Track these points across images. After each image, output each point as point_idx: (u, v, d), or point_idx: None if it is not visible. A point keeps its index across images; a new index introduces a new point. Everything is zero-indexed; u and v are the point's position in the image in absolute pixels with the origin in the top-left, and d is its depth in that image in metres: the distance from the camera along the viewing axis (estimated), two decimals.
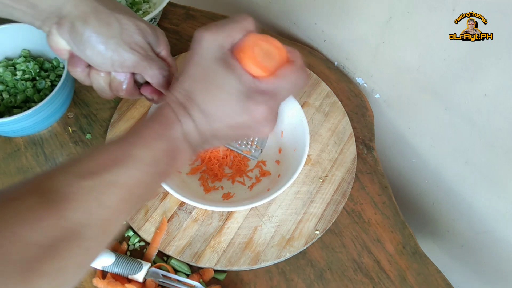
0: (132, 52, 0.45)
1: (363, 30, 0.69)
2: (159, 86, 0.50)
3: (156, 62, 0.48)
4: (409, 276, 0.58)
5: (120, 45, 0.45)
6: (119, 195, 0.34)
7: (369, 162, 0.67)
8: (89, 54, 0.45)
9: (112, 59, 0.45)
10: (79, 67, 0.48)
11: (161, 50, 0.49)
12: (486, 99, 0.55)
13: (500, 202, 0.63)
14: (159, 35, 0.48)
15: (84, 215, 0.32)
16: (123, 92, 0.49)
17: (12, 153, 0.67)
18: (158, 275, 0.55)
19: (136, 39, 0.46)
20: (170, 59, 0.50)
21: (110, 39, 0.44)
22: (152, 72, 0.48)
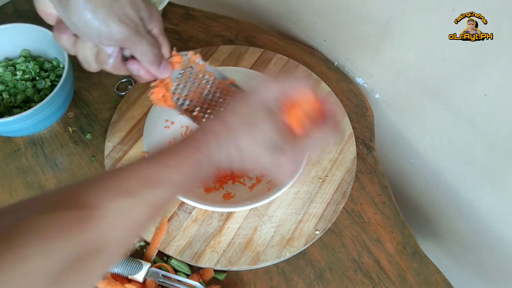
0: (121, 25, 0.43)
1: (363, 30, 0.69)
2: (148, 64, 0.47)
3: (146, 38, 0.45)
4: (409, 276, 0.58)
5: (110, 16, 0.42)
6: (146, 213, 0.36)
7: (369, 162, 0.67)
8: (75, 21, 0.42)
9: (99, 30, 0.42)
10: (65, 34, 0.45)
11: (153, 28, 0.47)
12: (486, 99, 0.55)
13: (500, 202, 0.63)
14: (153, 12, 0.46)
15: (114, 231, 0.33)
16: (109, 66, 0.47)
17: (12, 153, 0.67)
18: (158, 275, 0.55)
19: (127, 12, 0.43)
20: (162, 38, 0.48)
21: (100, 8, 0.41)
22: (141, 49, 0.45)
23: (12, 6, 0.84)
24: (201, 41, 0.80)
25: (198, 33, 0.81)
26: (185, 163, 0.40)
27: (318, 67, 0.77)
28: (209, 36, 0.81)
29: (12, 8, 0.84)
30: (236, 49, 0.77)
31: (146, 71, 0.49)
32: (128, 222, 0.34)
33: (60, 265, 0.29)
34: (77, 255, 0.30)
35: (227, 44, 0.79)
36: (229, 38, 0.81)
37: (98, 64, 0.47)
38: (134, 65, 0.48)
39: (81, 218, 0.31)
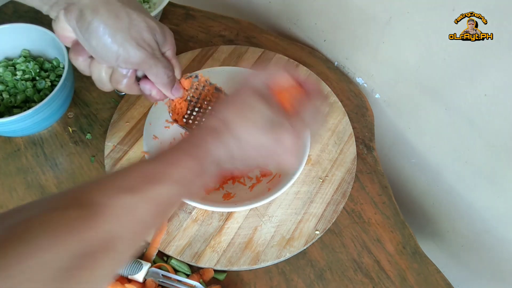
0: (139, 48, 0.44)
1: (363, 30, 0.69)
2: (162, 86, 0.49)
3: (161, 61, 0.47)
4: (409, 276, 0.58)
5: (128, 40, 0.44)
6: (151, 211, 0.36)
7: (369, 162, 0.67)
8: (94, 45, 0.44)
9: (117, 54, 0.44)
10: (82, 56, 0.47)
11: (167, 50, 0.48)
12: (486, 99, 0.55)
13: (500, 202, 0.63)
14: (166, 35, 0.48)
15: (120, 228, 0.33)
16: (123, 86, 0.48)
17: (12, 153, 0.67)
18: (158, 275, 0.55)
19: (144, 36, 0.45)
20: (175, 60, 0.50)
21: (118, 32, 0.43)
22: (157, 71, 0.47)
23: (12, 6, 0.84)
24: (201, 41, 0.80)
25: (198, 33, 0.81)
26: (185, 160, 0.40)
27: (318, 67, 0.77)
28: (209, 36, 0.81)
29: (12, 8, 0.84)
30: (236, 49, 0.77)
31: (158, 91, 0.50)
32: (133, 220, 0.34)
33: (67, 261, 0.29)
34: (84, 252, 0.30)
35: (227, 44, 0.79)
36: (229, 38, 0.81)
37: (112, 84, 0.49)
38: (147, 85, 0.50)
39: (87, 216, 0.31)
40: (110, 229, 0.32)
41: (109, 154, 0.66)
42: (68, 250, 0.29)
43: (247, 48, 0.77)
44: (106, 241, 0.32)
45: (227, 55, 0.76)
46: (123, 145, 0.67)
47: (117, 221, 0.33)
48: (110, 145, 0.67)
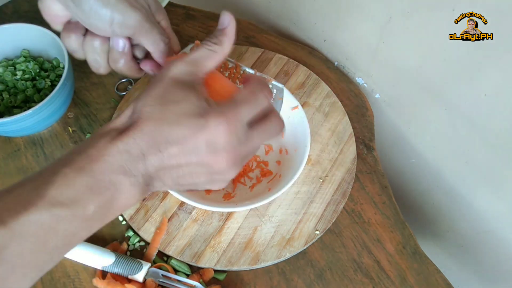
0: (134, 9, 0.41)
1: (363, 30, 0.69)
2: (160, 55, 0.46)
3: (157, 27, 0.44)
4: (409, 276, 0.58)
5: (121, 2, 0.41)
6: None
7: (369, 162, 0.67)
8: (86, 11, 0.40)
9: (112, 17, 0.41)
10: (74, 34, 0.44)
11: (161, 20, 0.46)
12: (486, 99, 0.55)
13: (500, 202, 0.63)
14: (158, 4, 0.45)
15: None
16: (121, 65, 0.45)
17: (12, 153, 0.67)
18: (158, 275, 0.55)
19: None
20: (170, 30, 0.47)
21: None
22: (153, 37, 0.44)
23: (12, 6, 0.84)
24: (201, 41, 0.80)
25: (198, 33, 0.81)
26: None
27: (318, 67, 0.77)
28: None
29: (12, 8, 0.84)
30: (236, 49, 0.77)
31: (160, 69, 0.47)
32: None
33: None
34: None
35: None
36: None
37: (110, 64, 0.46)
38: (147, 65, 0.47)
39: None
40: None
41: None
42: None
43: (247, 48, 0.77)
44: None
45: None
46: None
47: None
48: None
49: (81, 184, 0.31)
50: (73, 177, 0.31)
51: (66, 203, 0.31)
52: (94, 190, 0.32)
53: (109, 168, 0.33)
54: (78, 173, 0.32)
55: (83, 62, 0.48)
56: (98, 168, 0.32)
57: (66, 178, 0.31)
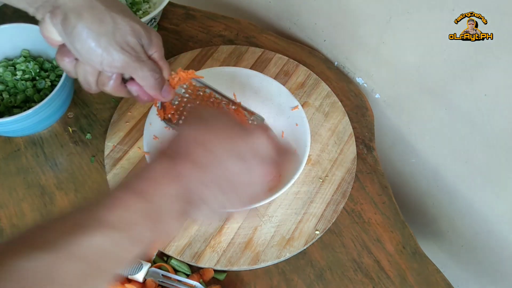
0: (123, 52, 0.44)
1: (363, 30, 0.69)
2: (149, 89, 0.49)
3: (147, 64, 0.47)
4: (409, 276, 0.58)
5: (111, 44, 0.44)
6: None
7: (369, 162, 0.67)
8: (78, 48, 0.44)
9: (101, 58, 0.44)
10: (67, 58, 0.47)
11: (153, 53, 0.48)
12: (486, 99, 0.55)
13: (500, 202, 0.63)
14: (152, 38, 0.48)
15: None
16: (109, 88, 0.48)
17: (12, 153, 0.67)
18: (158, 275, 0.55)
19: (128, 40, 0.45)
20: (162, 62, 0.49)
21: (102, 36, 0.43)
22: (143, 74, 0.47)
23: (12, 6, 0.84)
24: (201, 41, 0.80)
25: (198, 33, 0.81)
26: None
27: (318, 67, 0.77)
28: (209, 36, 0.81)
29: (12, 8, 0.83)
30: (236, 49, 0.77)
31: (145, 93, 0.50)
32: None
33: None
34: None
35: (227, 44, 0.79)
36: (229, 38, 0.81)
37: (98, 86, 0.48)
38: (133, 87, 0.50)
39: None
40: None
41: (109, 154, 0.66)
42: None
43: (247, 48, 0.77)
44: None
45: (227, 55, 0.76)
46: (123, 145, 0.67)
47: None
48: (110, 145, 0.67)
49: (137, 209, 0.33)
50: (129, 201, 0.33)
51: (121, 227, 0.31)
52: (148, 215, 0.33)
53: (164, 195, 0.34)
54: (134, 198, 0.33)
55: None
56: (154, 194, 0.34)
57: (122, 202, 0.32)
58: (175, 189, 0.35)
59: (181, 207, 0.36)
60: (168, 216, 0.35)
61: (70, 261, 0.29)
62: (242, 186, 0.39)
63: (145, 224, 0.33)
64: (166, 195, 0.34)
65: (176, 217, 0.36)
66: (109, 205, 0.32)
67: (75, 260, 0.29)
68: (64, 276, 0.28)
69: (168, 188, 0.35)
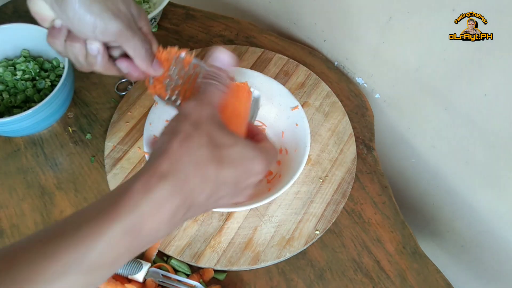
0: (116, 19, 0.44)
1: (363, 30, 0.69)
2: (140, 61, 0.48)
3: (138, 34, 0.46)
4: (409, 276, 0.58)
5: (104, 10, 0.43)
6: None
7: (369, 162, 0.67)
8: (70, 17, 0.43)
9: (94, 25, 0.43)
10: (58, 39, 0.46)
11: (143, 25, 0.48)
12: (486, 99, 0.55)
13: (500, 202, 0.63)
14: (141, 10, 0.48)
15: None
16: (97, 66, 0.48)
17: (12, 153, 0.67)
18: (158, 275, 0.55)
19: (120, 7, 0.44)
20: (151, 36, 0.49)
21: (94, 3, 0.42)
22: (134, 44, 0.46)
23: (12, 6, 0.84)
24: (201, 41, 0.80)
25: (198, 33, 0.81)
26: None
27: (318, 67, 0.77)
28: (209, 36, 0.81)
29: (12, 8, 0.84)
30: (236, 49, 0.77)
31: (136, 68, 0.49)
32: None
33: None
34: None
35: (227, 44, 0.79)
36: (229, 38, 0.81)
37: (88, 66, 0.48)
38: (123, 63, 0.49)
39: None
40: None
41: (109, 154, 0.66)
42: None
43: (247, 48, 0.77)
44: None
45: None
46: (123, 145, 0.67)
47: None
48: (110, 145, 0.67)
49: (114, 234, 0.31)
50: (118, 240, 0.31)
51: (106, 266, 0.31)
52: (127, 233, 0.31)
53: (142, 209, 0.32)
54: (124, 235, 0.31)
55: None
56: (142, 223, 0.32)
57: (110, 240, 0.30)
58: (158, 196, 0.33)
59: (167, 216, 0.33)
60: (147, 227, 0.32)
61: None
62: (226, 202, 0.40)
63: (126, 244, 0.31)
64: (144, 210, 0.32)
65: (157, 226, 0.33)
66: (82, 241, 0.30)
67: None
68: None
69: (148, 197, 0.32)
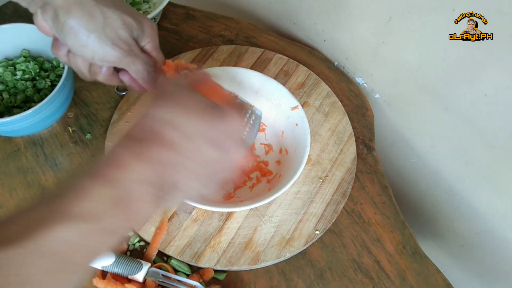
0: (114, 48, 0.44)
1: (363, 30, 0.69)
2: (143, 82, 0.48)
3: (139, 58, 0.46)
4: (409, 276, 0.58)
5: (102, 39, 0.43)
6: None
7: (369, 162, 0.67)
8: (70, 44, 0.44)
9: (93, 52, 0.44)
10: (61, 51, 0.47)
11: (146, 44, 0.48)
12: (486, 99, 0.55)
13: (500, 202, 0.63)
14: (145, 29, 0.47)
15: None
16: (101, 77, 0.48)
17: (12, 153, 0.67)
18: (158, 275, 0.55)
19: (120, 34, 0.44)
20: (156, 53, 0.49)
21: (92, 32, 0.43)
22: (136, 68, 0.46)
23: (12, 6, 0.84)
24: (201, 41, 0.80)
25: (198, 33, 0.81)
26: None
27: (318, 67, 0.77)
28: (209, 36, 0.81)
29: (12, 8, 0.84)
30: (236, 49, 0.77)
31: (137, 83, 0.49)
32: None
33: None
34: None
35: (227, 44, 0.79)
36: (229, 38, 0.81)
37: (91, 75, 0.48)
38: (125, 77, 0.49)
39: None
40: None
41: None
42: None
43: (247, 48, 0.77)
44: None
45: (227, 55, 0.76)
46: None
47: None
48: (110, 145, 0.67)
49: (103, 196, 0.31)
50: (95, 190, 0.31)
51: (88, 217, 0.30)
52: (116, 202, 0.32)
53: (132, 180, 0.33)
54: (101, 185, 0.31)
55: None
56: (121, 179, 0.32)
57: (88, 191, 0.31)
58: (144, 174, 0.33)
59: (153, 192, 0.34)
60: (139, 202, 0.33)
61: (37, 256, 0.28)
62: (216, 171, 0.38)
63: (114, 212, 0.32)
64: (135, 181, 0.33)
65: (148, 202, 0.34)
66: (74, 196, 0.30)
67: (42, 255, 0.28)
68: (32, 273, 0.27)
69: (137, 173, 0.33)
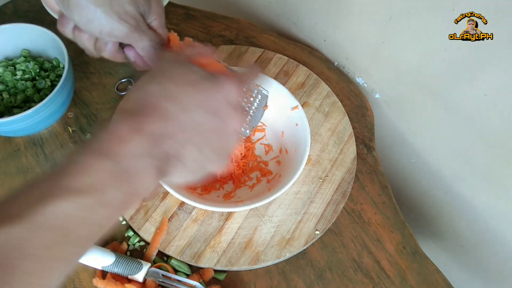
0: (121, 22, 0.43)
1: (363, 30, 0.69)
2: (148, 59, 0.48)
3: (146, 34, 0.46)
4: (409, 276, 0.58)
5: (109, 14, 0.43)
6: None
7: (369, 162, 0.67)
8: (76, 19, 0.44)
9: (100, 27, 0.43)
10: (67, 27, 0.47)
11: (153, 20, 0.47)
12: (486, 99, 0.55)
13: (500, 202, 0.63)
14: (152, 5, 0.46)
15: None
16: (106, 53, 0.48)
17: (12, 153, 0.67)
18: (158, 275, 0.55)
19: (127, 9, 0.44)
20: (162, 30, 0.49)
21: (99, 7, 0.42)
22: (142, 44, 0.46)
23: (12, 6, 0.84)
24: (201, 41, 0.80)
25: (198, 33, 0.81)
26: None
27: (318, 67, 0.77)
28: (209, 36, 0.81)
29: (12, 8, 0.84)
30: (236, 49, 0.77)
31: (142, 60, 0.49)
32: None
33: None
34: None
35: (227, 44, 0.79)
36: (229, 38, 0.81)
37: (96, 51, 0.48)
38: (131, 52, 0.49)
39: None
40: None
41: None
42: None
43: (247, 48, 0.77)
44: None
45: (227, 55, 0.76)
46: None
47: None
48: None
49: (103, 170, 0.31)
50: (95, 164, 0.31)
51: (88, 191, 0.30)
52: (117, 176, 0.32)
53: (132, 153, 0.33)
54: (100, 160, 0.31)
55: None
56: (121, 153, 0.32)
57: (88, 166, 0.31)
58: (144, 147, 0.33)
59: (154, 164, 0.34)
60: (140, 176, 0.33)
61: (38, 231, 0.28)
62: (217, 141, 0.38)
63: (115, 185, 0.31)
64: (135, 154, 0.33)
65: (150, 175, 0.34)
66: (74, 172, 0.30)
67: (43, 229, 0.28)
68: (34, 247, 0.27)
69: (136, 147, 0.33)
